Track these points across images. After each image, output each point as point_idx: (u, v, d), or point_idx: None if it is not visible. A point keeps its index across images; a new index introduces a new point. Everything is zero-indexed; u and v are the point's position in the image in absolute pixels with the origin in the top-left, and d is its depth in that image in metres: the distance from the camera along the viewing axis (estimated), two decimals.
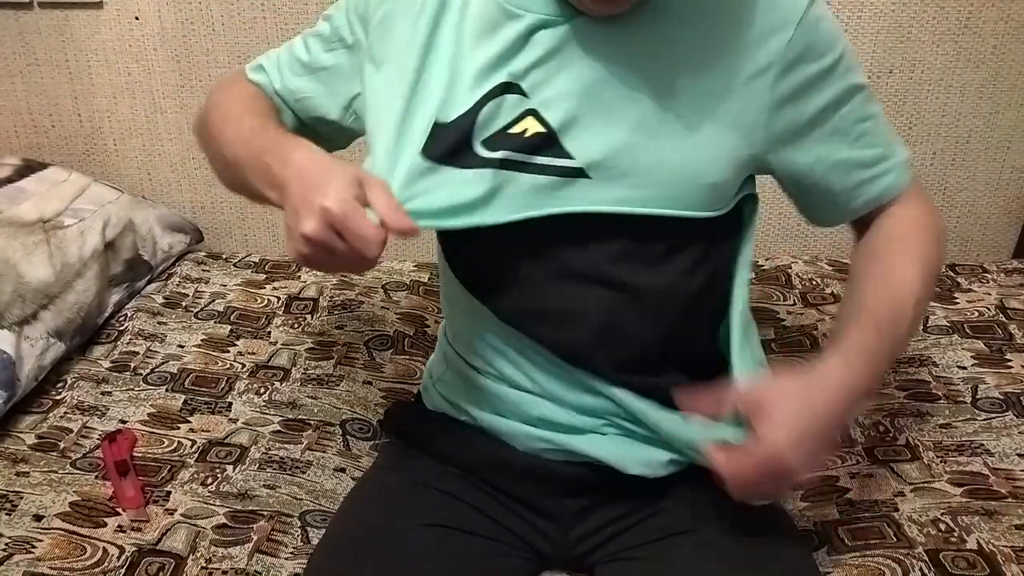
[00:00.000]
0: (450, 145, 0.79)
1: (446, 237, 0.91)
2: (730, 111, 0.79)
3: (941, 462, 1.08)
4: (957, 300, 1.46)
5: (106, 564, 0.94)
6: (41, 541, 0.96)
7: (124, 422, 1.19)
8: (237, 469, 1.10)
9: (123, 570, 0.93)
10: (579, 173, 0.78)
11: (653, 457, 0.87)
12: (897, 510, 1.00)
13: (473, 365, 0.92)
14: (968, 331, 1.36)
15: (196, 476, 1.08)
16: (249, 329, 1.42)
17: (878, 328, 0.81)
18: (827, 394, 0.77)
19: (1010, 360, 1.28)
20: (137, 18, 1.60)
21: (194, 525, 1.00)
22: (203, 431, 1.17)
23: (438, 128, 0.80)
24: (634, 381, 0.85)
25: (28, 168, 1.55)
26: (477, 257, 0.87)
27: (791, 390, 0.77)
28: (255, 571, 0.93)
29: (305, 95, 0.95)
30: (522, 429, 0.89)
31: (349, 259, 0.69)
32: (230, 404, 1.23)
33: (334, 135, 0.97)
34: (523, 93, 0.79)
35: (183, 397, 1.24)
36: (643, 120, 0.78)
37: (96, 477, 1.08)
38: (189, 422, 1.19)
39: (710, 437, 0.79)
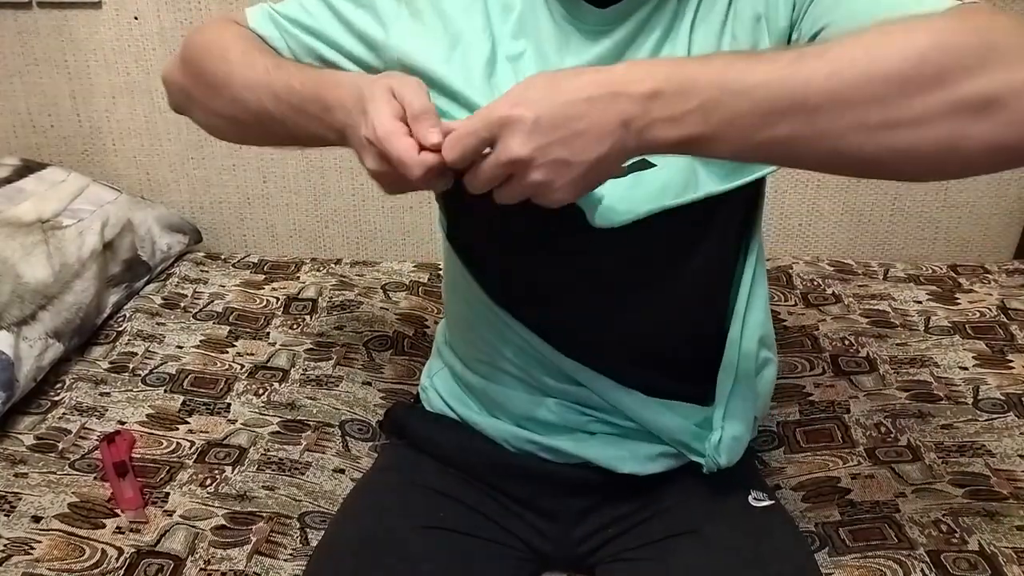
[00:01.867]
0: None
1: (448, 205, 0.90)
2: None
3: (942, 463, 1.08)
4: (959, 301, 1.45)
5: (105, 565, 0.93)
6: (40, 542, 0.96)
7: (123, 423, 1.18)
8: (236, 470, 1.09)
9: (122, 571, 0.93)
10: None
11: (641, 451, 0.87)
12: (898, 511, 1.00)
13: (464, 359, 0.92)
14: (969, 332, 1.36)
15: (195, 477, 1.08)
16: (248, 330, 1.42)
17: (730, 56, 0.63)
18: (586, 76, 0.61)
19: (1011, 361, 1.28)
20: (136, 18, 1.60)
21: (193, 527, 0.99)
22: (202, 432, 1.17)
23: None
24: (626, 375, 0.85)
25: (27, 168, 1.55)
26: (478, 233, 0.86)
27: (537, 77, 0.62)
28: (254, 572, 0.93)
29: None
30: (510, 430, 0.90)
31: (409, 182, 0.65)
32: (229, 405, 1.23)
33: None
34: None
35: (182, 398, 1.24)
36: None
37: (95, 478, 1.07)
38: (188, 423, 1.19)
39: None
